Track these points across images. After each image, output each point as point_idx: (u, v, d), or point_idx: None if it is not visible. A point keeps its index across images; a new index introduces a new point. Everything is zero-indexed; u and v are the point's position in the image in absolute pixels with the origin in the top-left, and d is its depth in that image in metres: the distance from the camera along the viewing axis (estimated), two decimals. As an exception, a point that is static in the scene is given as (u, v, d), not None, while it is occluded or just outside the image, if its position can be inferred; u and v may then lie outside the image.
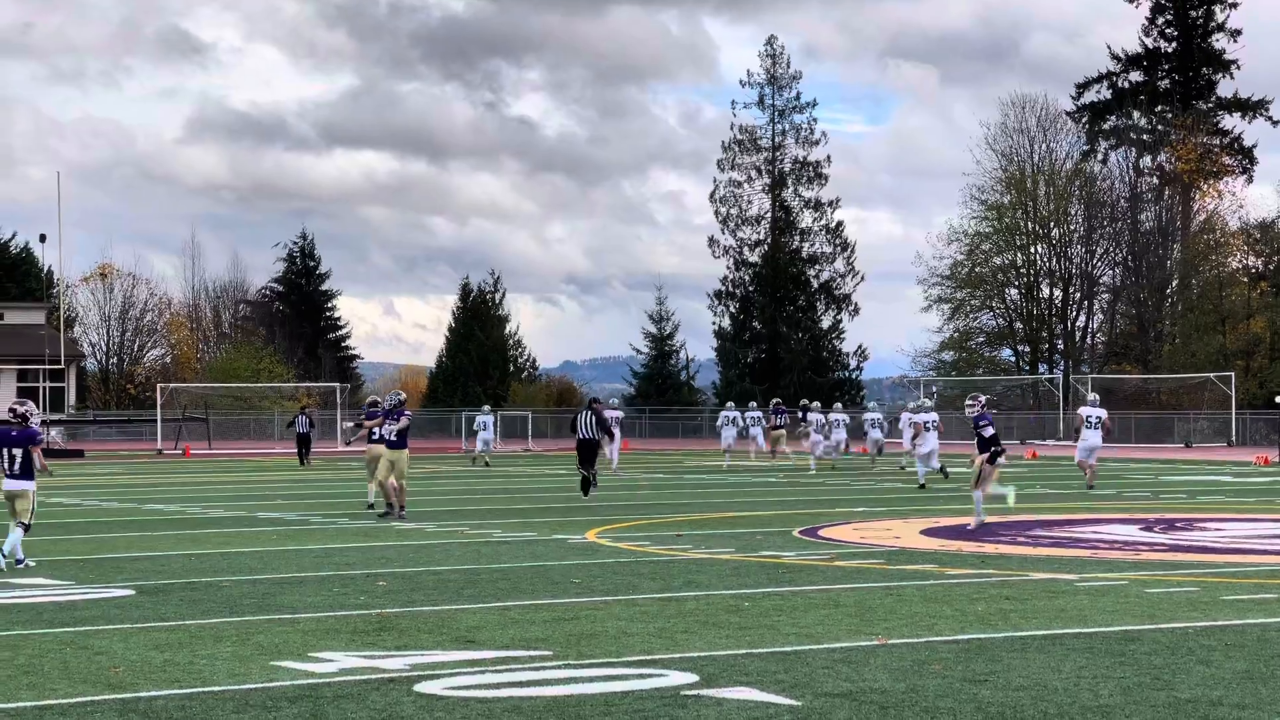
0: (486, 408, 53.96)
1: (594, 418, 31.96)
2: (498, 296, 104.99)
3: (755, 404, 57.94)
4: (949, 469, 37.50)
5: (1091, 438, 33.73)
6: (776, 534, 21.63)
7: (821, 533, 21.83)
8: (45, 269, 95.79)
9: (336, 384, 76.53)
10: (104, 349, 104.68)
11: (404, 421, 25.90)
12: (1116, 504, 28.34)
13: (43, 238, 79.76)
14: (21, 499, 17.78)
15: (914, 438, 35.99)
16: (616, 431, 41.45)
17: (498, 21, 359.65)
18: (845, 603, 14.08)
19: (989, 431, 22.76)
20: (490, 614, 13.45)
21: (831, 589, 15.14)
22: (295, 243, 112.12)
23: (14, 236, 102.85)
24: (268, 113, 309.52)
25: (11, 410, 17.96)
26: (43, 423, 17.95)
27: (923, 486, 33.86)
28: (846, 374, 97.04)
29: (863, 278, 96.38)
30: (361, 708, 9.23)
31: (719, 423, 51.85)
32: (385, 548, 20.03)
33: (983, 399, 23.66)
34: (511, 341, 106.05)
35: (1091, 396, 36.43)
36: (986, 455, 22.59)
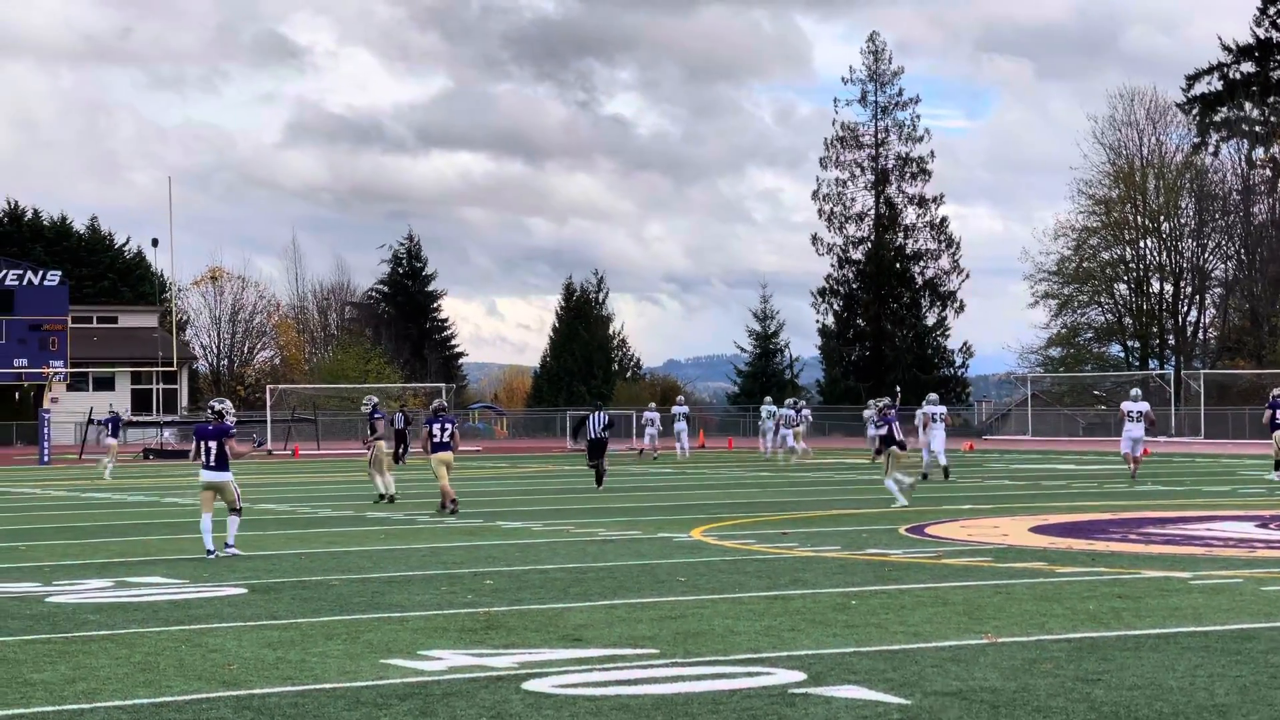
0: (652, 405, 56.44)
1: (605, 418, 35.00)
2: (601, 296, 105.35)
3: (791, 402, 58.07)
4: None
5: (1134, 430, 35.27)
6: (883, 531, 21.53)
7: (928, 530, 21.69)
8: (158, 273, 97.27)
9: (442, 384, 77.03)
10: (215, 351, 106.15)
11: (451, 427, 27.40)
12: (1231, 501, 27.94)
13: (155, 242, 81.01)
14: (224, 489, 19.34)
15: (923, 428, 36.96)
16: (683, 426, 52.38)
17: (588, 21, 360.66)
18: (954, 601, 13.98)
19: (884, 431, 27.53)
20: (597, 612, 13.48)
21: (939, 587, 15.04)
22: (401, 244, 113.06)
23: (127, 242, 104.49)
24: (364, 115, 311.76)
25: (210, 408, 19.87)
26: (237, 422, 19.60)
27: (925, 476, 34.78)
28: (952, 371, 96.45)
29: (968, 274, 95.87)
30: (470, 705, 9.28)
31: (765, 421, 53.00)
32: (491, 547, 20.14)
33: (883, 403, 28.80)
34: (615, 340, 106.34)
35: (1134, 391, 37.51)
36: (886, 448, 27.17)
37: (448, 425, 27.04)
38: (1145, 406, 35.73)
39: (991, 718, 8.84)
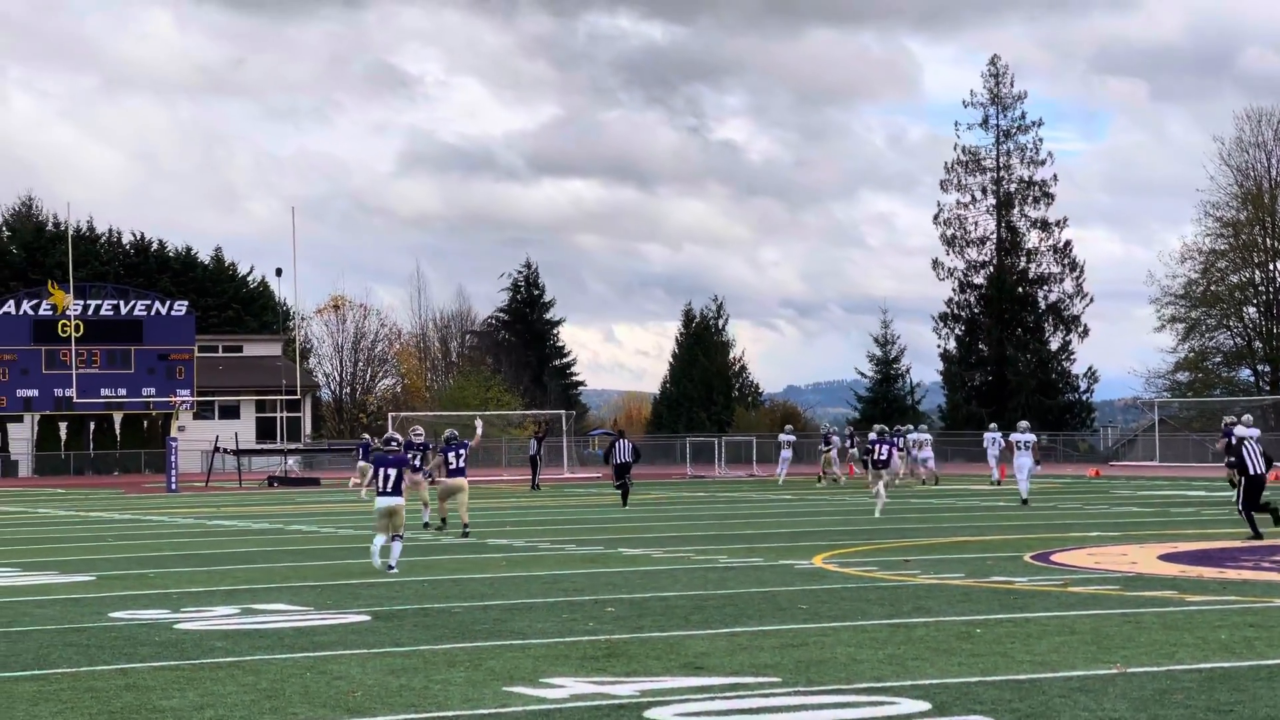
0: (789, 427, 56.55)
1: (630, 445, 39.83)
2: (721, 322, 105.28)
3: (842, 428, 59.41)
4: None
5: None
6: (1007, 559, 21.27)
7: (1054, 558, 21.41)
8: (281, 302, 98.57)
9: (562, 411, 77.32)
10: (337, 379, 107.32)
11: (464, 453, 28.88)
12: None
13: (279, 271, 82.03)
14: (397, 514, 20.88)
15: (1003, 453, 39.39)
16: (786, 454, 53.36)
17: (695, 47, 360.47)
18: (1081, 630, 13.77)
19: (883, 456, 34.10)
20: (718, 640, 13.43)
21: (1066, 615, 14.82)
22: (519, 272, 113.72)
23: (251, 271, 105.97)
24: (475, 144, 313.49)
25: (392, 439, 22.16)
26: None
27: (1025, 502, 36.23)
28: (1076, 396, 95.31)
29: (1091, 299, 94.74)
30: (593, 733, 9.27)
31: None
32: (612, 574, 20.14)
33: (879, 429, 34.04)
34: (735, 367, 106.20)
35: (1246, 417, 36.05)
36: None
37: (460, 451, 28.55)
38: (1255, 432, 33.79)
39: (1121, 749, 8.68)
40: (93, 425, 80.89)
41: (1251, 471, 25.23)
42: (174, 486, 57.99)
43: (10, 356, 72.15)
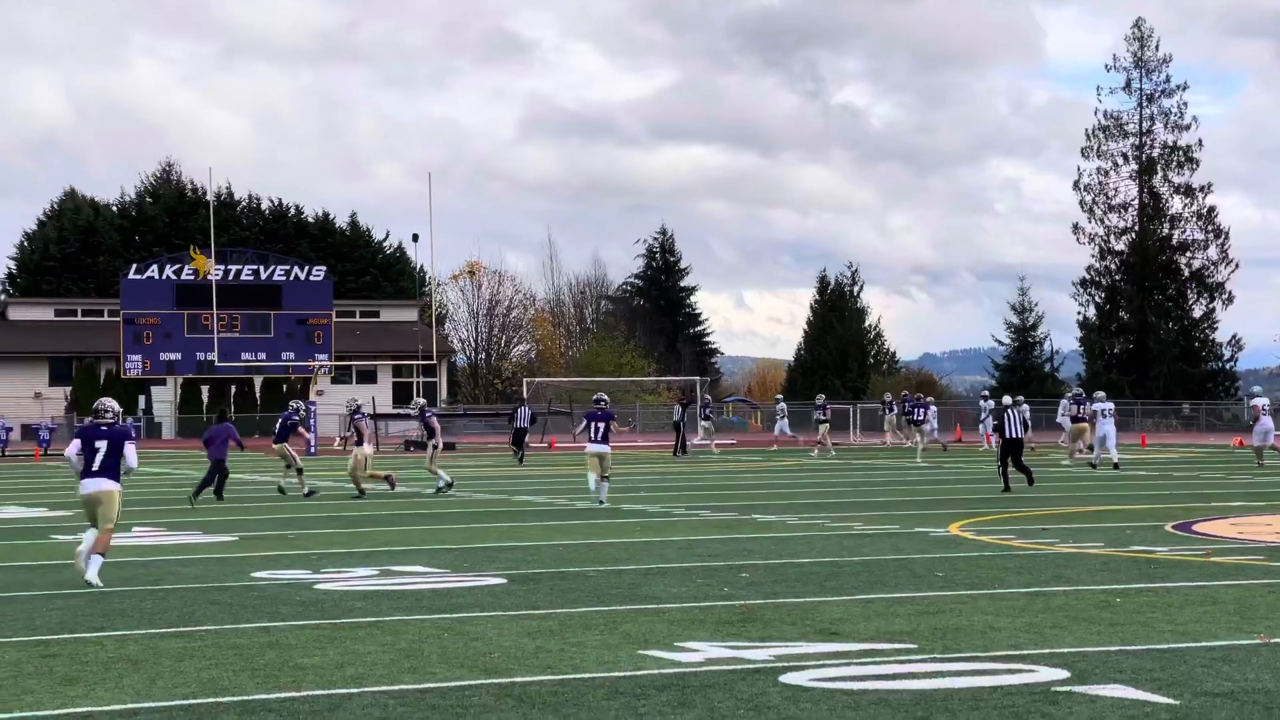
0: (930, 399, 57.77)
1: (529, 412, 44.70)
2: (855, 289, 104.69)
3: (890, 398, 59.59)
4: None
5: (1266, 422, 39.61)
6: (1148, 529, 20.98)
7: (1196, 528, 21.07)
8: (417, 268, 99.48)
9: (696, 377, 77.35)
10: (472, 344, 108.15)
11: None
12: None
13: (415, 237, 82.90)
14: (606, 459, 26.84)
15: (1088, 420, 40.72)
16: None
17: (812, 9, 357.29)
18: (1224, 600, 13.54)
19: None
20: (853, 606, 13.38)
21: (1209, 585, 14.59)
22: (654, 238, 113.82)
23: (387, 237, 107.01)
24: (594, 110, 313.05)
25: (600, 400, 27.97)
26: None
27: (1094, 466, 38.48)
28: (1220, 364, 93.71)
29: (1237, 265, 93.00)
30: (728, 697, 9.28)
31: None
32: (747, 540, 20.13)
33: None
34: (870, 334, 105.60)
35: (1256, 388, 43.84)
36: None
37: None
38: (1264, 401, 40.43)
39: (1266, 721, 8.53)
40: (233, 389, 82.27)
41: None
42: (313, 450, 58.84)
43: (154, 320, 73.57)
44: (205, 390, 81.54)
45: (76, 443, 16.06)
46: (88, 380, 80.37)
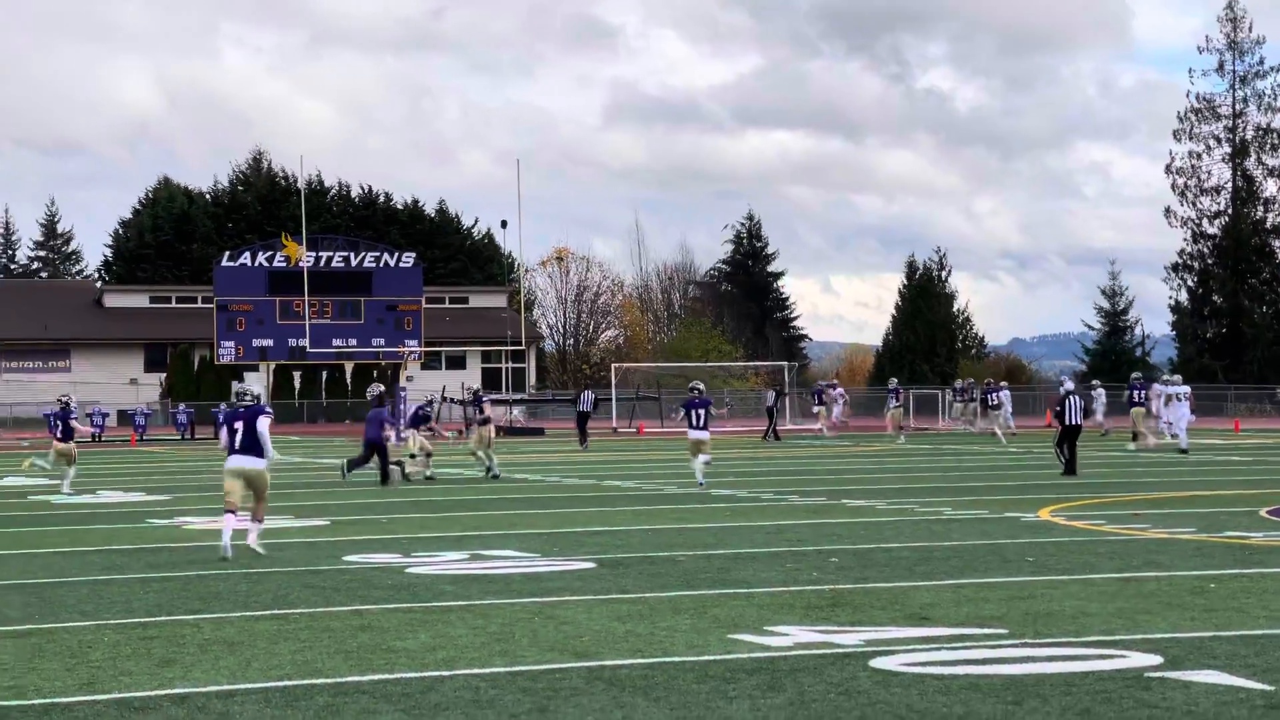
0: (1004, 384, 57.45)
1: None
2: (944, 274, 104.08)
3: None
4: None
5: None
6: (1242, 514, 20.75)
7: (1291, 514, 20.82)
8: (506, 254, 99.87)
9: (784, 362, 77.20)
10: (560, 330, 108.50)
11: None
12: None
13: (504, 224, 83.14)
14: (705, 444, 27.74)
15: (1163, 404, 40.67)
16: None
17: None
18: (1320, 587, 13.38)
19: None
20: (943, 591, 13.33)
21: (1304, 572, 14.42)
22: (741, 224, 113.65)
23: (475, 223, 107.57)
24: (679, 95, 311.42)
25: (695, 388, 28.97)
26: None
27: (1185, 451, 38.21)
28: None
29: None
30: (818, 681, 9.28)
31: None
32: (835, 525, 20.10)
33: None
34: (959, 318, 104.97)
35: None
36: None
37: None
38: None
39: (1364, 708, 8.43)
40: (324, 375, 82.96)
41: None
42: (403, 435, 59.21)
43: (247, 307, 74.30)
44: (297, 376, 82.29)
45: (224, 429, 17.37)
46: (182, 367, 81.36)
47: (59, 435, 28.65)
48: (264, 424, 16.98)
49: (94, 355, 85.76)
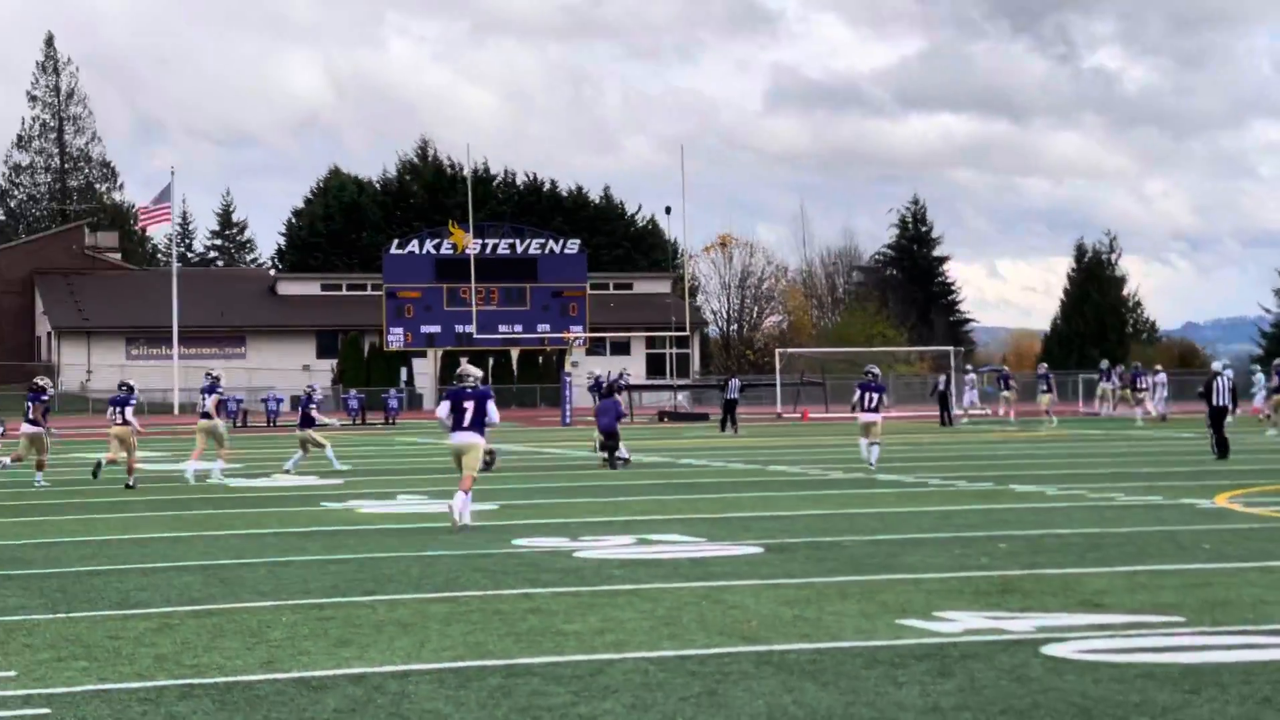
0: (1158, 367, 56.89)
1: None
2: (1113, 257, 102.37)
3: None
4: None
5: None
6: None
7: None
8: (670, 240, 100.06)
9: (950, 348, 76.47)
10: (724, 316, 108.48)
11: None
12: None
13: (668, 210, 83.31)
14: (875, 428, 28.02)
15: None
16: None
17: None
18: None
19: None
20: (1117, 578, 13.14)
21: None
22: (906, 208, 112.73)
23: (639, 210, 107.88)
24: (840, 80, 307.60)
25: (869, 371, 29.30)
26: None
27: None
28: None
29: None
30: (989, 668, 9.21)
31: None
32: (1004, 510, 19.89)
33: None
34: (1129, 302, 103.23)
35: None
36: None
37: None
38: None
39: None
40: (491, 360, 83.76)
41: None
42: (568, 420, 59.73)
43: (415, 294, 75.23)
44: (464, 362, 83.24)
45: (446, 404, 18.84)
46: (352, 353, 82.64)
47: (299, 423, 30.32)
48: (492, 406, 18.75)
49: (268, 342, 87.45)
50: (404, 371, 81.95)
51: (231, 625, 11.17)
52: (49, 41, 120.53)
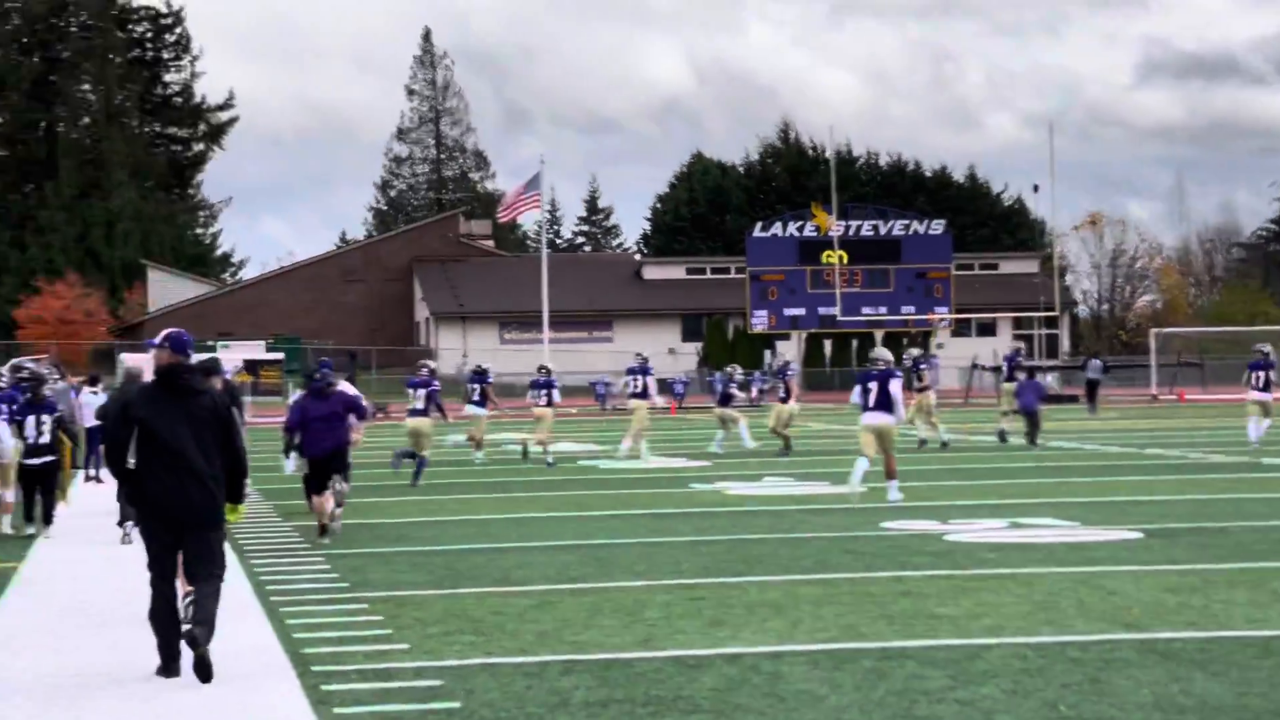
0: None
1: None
2: None
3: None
4: None
5: None
6: None
7: None
8: (1038, 219, 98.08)
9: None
10: (1095, 296, 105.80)
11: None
12: None
13: (1035, 188, 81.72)
14: (1267, 405, 27.22)
15: None
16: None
17: None
18: None
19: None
20: None
21: None
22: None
23: (1005, 189, 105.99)
24: (1216, 50, 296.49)
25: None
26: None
27: None
28: None
29: None
30: (1392, 662, 8.74)
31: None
32: (1403, 497, 18.86)
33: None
34: None
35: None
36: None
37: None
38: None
39: None
40: (855, 342, 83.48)
41: None
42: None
43: (778, 277, 75.53)
44: (828, 345, 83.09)
45: (857, 387, 19.62)
46: (716, 336, 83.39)
47: (718, 401, 32.14)
48: (896, 386, 19.12)
49: (635, 325, 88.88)
50: (768, 354, 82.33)
51: (608, 603, 11.39)
52: (426, 36, 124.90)
